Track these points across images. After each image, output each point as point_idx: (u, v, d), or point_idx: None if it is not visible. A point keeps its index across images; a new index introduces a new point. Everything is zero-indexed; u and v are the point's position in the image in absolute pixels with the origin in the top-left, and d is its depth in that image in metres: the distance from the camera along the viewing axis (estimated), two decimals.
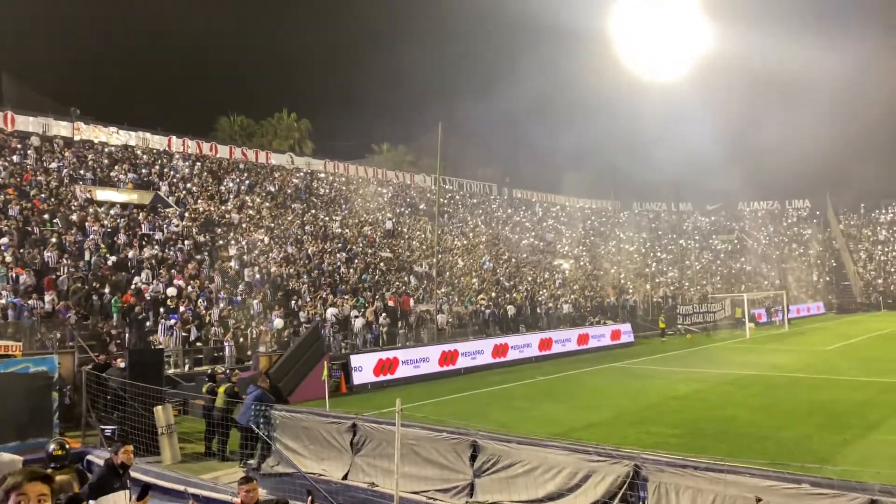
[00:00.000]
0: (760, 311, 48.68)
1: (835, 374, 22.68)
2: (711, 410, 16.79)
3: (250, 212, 35.29)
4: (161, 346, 20.19)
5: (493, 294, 37.24)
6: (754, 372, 23.49)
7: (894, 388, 19.28)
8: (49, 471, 7.27)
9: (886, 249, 66.30)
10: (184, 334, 22.24)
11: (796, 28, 56.16)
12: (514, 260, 46.50)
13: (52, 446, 7.79)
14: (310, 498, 7.03)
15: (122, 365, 15.08)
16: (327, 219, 39.25)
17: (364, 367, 22.79)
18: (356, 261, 34.62)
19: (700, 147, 58.68)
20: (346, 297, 29.45)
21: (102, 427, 13.45)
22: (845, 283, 64.72)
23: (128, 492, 6.88)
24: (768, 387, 20.45)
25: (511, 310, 35.55)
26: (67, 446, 8.21)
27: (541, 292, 40.77)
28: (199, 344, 22.64)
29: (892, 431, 13.87)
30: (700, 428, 14.80)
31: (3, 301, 20.20)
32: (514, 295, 38.21)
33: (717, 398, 18.62)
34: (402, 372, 23.85)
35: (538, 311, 37.58)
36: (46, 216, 26.09)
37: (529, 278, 43.22)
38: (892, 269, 63.41)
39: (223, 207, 34.45)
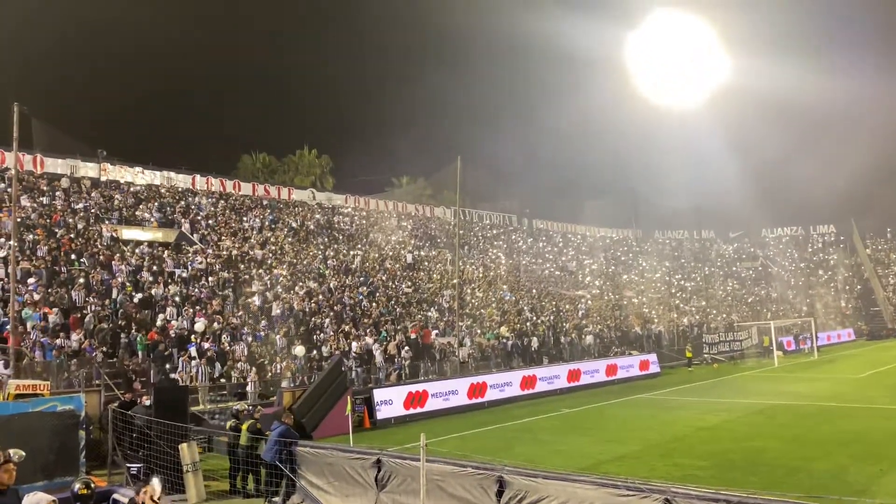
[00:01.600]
0: (788, 338, 47.87)
1: (867, 402, 22.17)
2: (741, 442, 16.45)
3: (273, 248, 35.61)
4: (185, 384, 20.30)
5: (517, 325, 37.05)
6: (784, 401, 23.04)
7: None
8: None
9: None
10: (208, 370, 22.36)
11: (817, 56, 56.17)
12: (535, 291, 46.31)
13: (77, 485, 7.80)
14: None
15: (148, 402, 15.16)
16: (348, 253, 39.48)
17: (394, 400, 22.79)
18: (377, 294, 34.70)
19: (721, 174, 58.57)
20: (368, 330, 29.47)
21: (128, 465, 13.48)
22: (875, 309, 63.51)
23: None
24: (798, 416, 20.03)
25: (534, 341, 35.31)
26: (93, 485, 8.21)
27: (564, 323, 40.49)
28: (223, 380, 22.73)
29: None
30: (729, 460, 14.49)
31: (32, 339, 20.48)
32: (537, 326, 37.98)
33: (746, 429, 18.25)
34: (432, 405, 23.79)
35: (561, 341, 37.28)
36: (73, 256, 26.53)
37: (552, 309, 42.97)
38: None
39: (246, 244, 34.82)
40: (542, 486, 8.93)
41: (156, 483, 6.93)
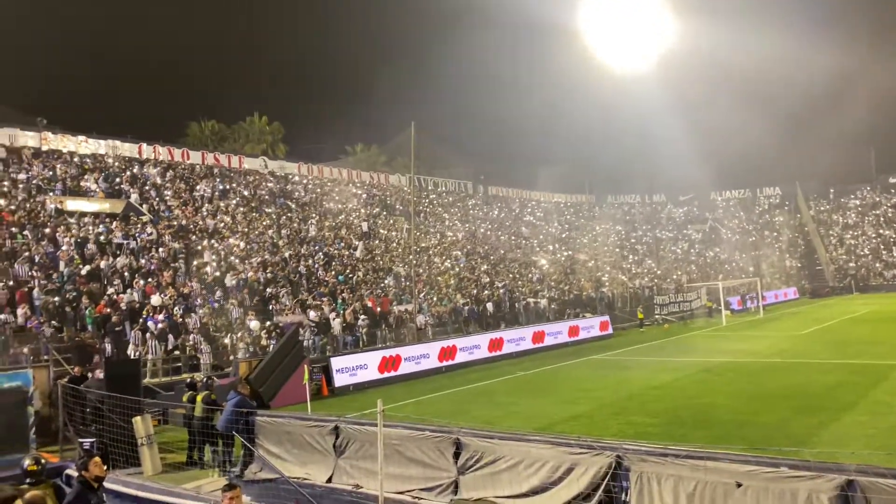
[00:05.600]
0: (736, 298, 49.30)
1: (809, 357, 23.08)
2: (690, 399, 16.99)
3: (225, 217, 34.97)
4: (138, 356, 19.96)
5: (474, 291, 37.29)
6: (731, 359, 23.81)
7: (866, 370, 19.67)
8: (24, 486, 7.18)
9: (856, 233, 67.47)
10: (162, 343, 22.00)
11: (762, 22, 57.01)
12: (491, 257, 46.61)
13: (26, 461, 7.69)
14: None
15: (100, 376, 14.89)
16: (301, 221, 39.03)
17: (369, 364, 23.55)
18: (333, 263, 34.49)
19: (671, 138, 59.44)
20: (324, 299, 29.32)
21: (81, 440, 13.27)
22: (818, 268, 65.72)
23: None
24: (745, 373, 20.75)
25: (490, 307, 35.65)
26: (43, 461, 8.11)
27: (519, 288, 40.90)
28: (177, 352, 22.41)
29: (865, 412, 14.15)
30: (679, 416, 14.97)
31: None
32: (493, 291, 38.28)
33: (695, 386, 18.84)
34: (406, 368, 24.50)
35: (517, 306, 37.70)
36: (15, 229, 25.63)
37: (507, 274, 43.35)
38: (863, 253, 64.55)
39: (197, 214, 34.11)
40: (497, 447, 9.12)
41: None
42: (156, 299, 23.93)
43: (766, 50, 52.61)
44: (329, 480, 10.79)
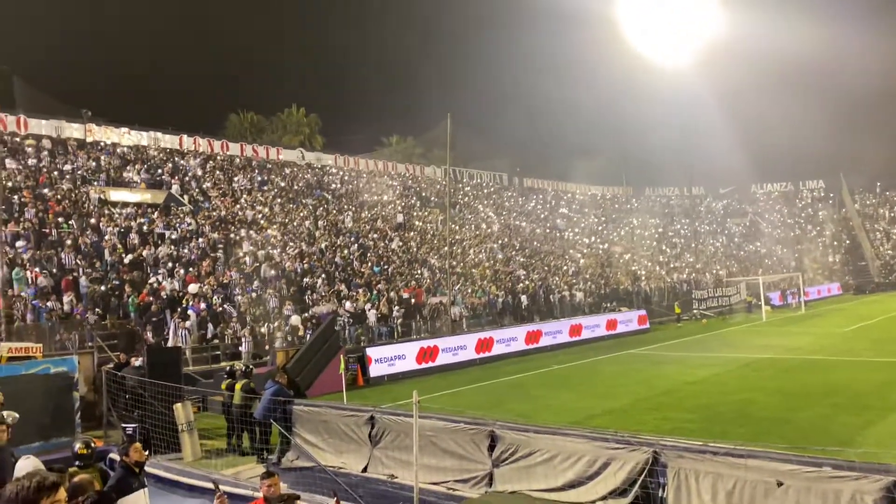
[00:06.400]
0: (777, 293, 48.33)
1: (852, 355, 22.50)
2: (729, 395, 16.70)
3: (264, 209, 35.41)
4: (178, 344, 20.34)
5: (508, 283, 37.19)
6: (771, 355, 23.35)
7: None
8: (73, 468, 7.38)
9: None
10: (200, 332, 22.41)
11: (807, 10, 55.60)
12: (526, 249, 46.40)
13: (77, 445, 7.91)
14: (335, 499, 7.12)
15: (137, 363, 15.20)
16: (337, 212, 39.32)
17: (407, 355, 23.83)
18: (369, 254, 34.70)
19: (711, 130, 58.38)
20: (359, 290, 29.54)
21: (124, 426, 13.60)
22: (862, 264, 63.99)
23: (147, 489, 6.95)
24: (785, 369, 20.33)
25: (524, 299, 35.52)
26: (93, 445, 8.31)
27: (554, 280, 40.67)
28: (215, 341, 22.80)
29: None
30: (718, 413, 14.73)
31: (24, 301, 20.43)
32: (528, 283, 38.14)
33: (734, 382, 18.52)
34: (443, 359, 24.82)
35: (551, 299, 37.51)
36: (61, 218, 26.30)
37: (542, 267, 43.13)
38: None
39: (236, 204, 34.59)
40: (532, 440, 9.09)
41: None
42: (193, 288, 24.33)
43: (810, 41, 51.26)
44: (364, 470, 10.89)
